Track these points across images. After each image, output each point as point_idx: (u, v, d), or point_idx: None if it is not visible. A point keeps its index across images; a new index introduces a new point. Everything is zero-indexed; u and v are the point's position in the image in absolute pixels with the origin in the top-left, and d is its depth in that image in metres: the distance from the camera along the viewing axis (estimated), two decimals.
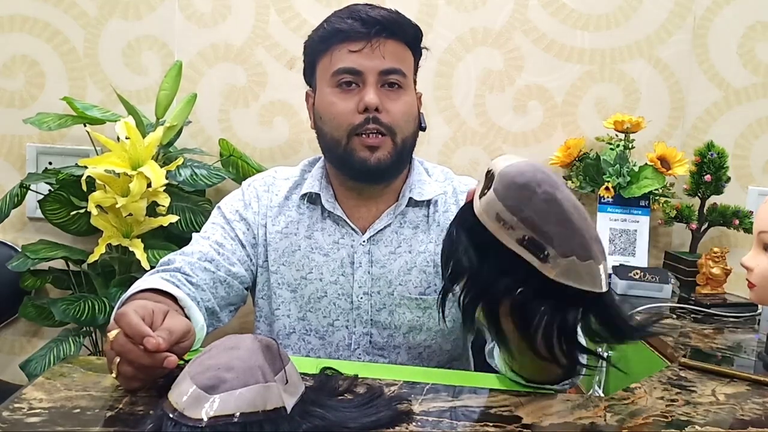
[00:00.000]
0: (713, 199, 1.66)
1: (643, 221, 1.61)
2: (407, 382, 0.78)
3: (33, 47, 1.73)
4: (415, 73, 1.09)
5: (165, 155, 1.56)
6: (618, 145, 1.63)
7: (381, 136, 1.00)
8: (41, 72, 1.74)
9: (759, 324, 1.23)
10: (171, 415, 0.58)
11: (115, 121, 1.42)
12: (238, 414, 0.57)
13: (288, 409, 0.61)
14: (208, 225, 1.09)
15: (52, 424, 0.63)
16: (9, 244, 1.75)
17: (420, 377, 0.81)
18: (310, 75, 1.09)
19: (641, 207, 1.62)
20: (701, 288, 1.40)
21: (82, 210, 1.47)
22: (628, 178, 1.60)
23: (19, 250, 1.60)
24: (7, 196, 1.54)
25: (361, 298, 1.05)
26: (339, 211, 1.07)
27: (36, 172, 1.67)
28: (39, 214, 1.56)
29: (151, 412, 0.64)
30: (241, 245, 1.07)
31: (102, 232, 1.43)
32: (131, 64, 1.73)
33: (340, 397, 0.71)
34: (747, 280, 0.98)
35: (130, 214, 1.41)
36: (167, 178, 1.41)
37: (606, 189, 1.60)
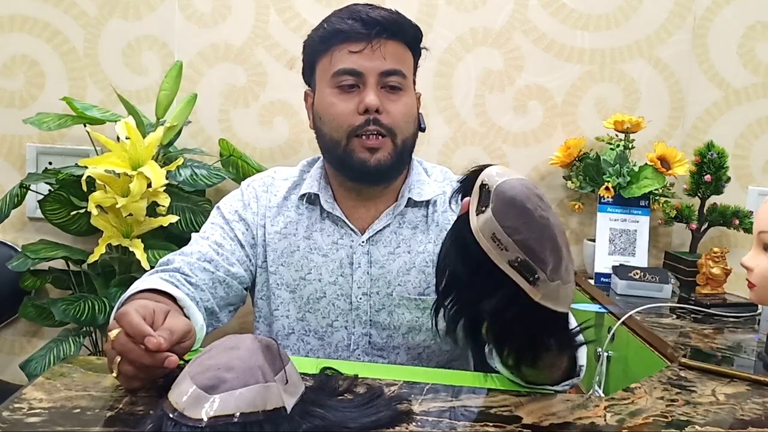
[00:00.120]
0: (713, 199, 1.66)
1: (643, 221, 1.61)
2: (407, 382, 0.78)
3: (33, 47, 1.73)
4: (415, 74, 1.09)
5: (165, 155, 1.56)
6: (618, 145, 1.63)
7: (381, 137, 1.00)
8: (41, 72, 1.74)
9: (759, 324, 1.23)
10: (171, 415, 0.58)
11: (115, 121, 1.43)
12: (238, 414, 0.57)
13: (288, 409, 0.61)
14: (207, 225, 1.09)
15: (52, 424, 0.63)
16: (9, 244, 1.75)
17: (420, 377, 0.81)
18: (309, 75, 1.09)
19: (641, 207, 1.62)
20: (701, 288, 1.40)
21: (82, 210, 1.47)
22: (628, 178, 1.60)
23: (19, 250, 1.60)
24: (7, 196, 1.54)
25: (360, 298, 1.05)
26: (338, 212, 1.07)
27: (36, 172, 1.67)
28: (39, 214, 1.57)
29: (151, 412, 0.64)
30: (240, 245, 1.07)
31: (102, 232, 1.43)
32: (131, 64, 1.73)
33: (340, 397, 0.71)
34: (747, 280, 0.98)
35: (130, 214, 1.41)
36: (167, 178, 1.41)
37: (606, 189, 1.60)
